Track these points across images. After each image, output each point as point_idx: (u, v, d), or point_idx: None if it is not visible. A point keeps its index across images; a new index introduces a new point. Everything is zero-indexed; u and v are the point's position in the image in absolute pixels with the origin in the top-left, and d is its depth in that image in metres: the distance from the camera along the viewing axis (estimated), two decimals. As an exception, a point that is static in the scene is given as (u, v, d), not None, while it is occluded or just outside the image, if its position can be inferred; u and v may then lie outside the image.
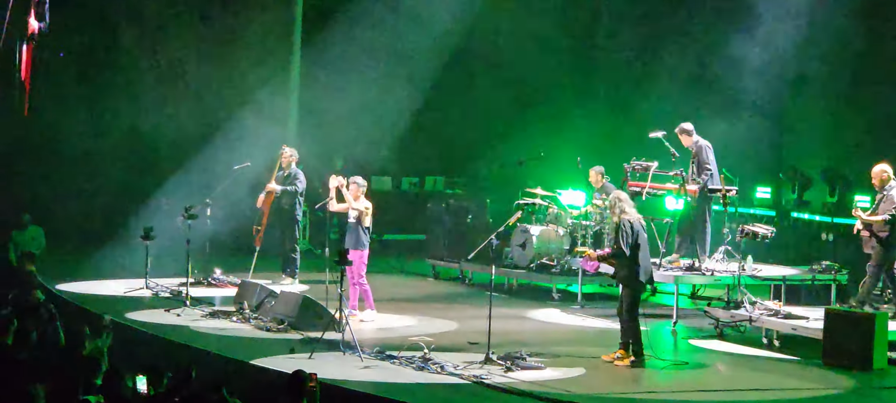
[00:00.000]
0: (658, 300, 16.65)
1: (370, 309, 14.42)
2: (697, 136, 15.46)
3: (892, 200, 13.51)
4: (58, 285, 15.96)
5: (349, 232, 14.29)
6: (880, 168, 13.72)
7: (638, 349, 12.32)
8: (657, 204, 15.93)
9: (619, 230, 12.19)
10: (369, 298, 14.37)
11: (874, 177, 13.76)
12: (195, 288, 15.68)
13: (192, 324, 13.80)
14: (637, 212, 12.52)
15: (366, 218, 14.17)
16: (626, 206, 12.40)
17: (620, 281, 12.49)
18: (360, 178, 14.47)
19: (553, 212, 17.05)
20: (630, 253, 12.18)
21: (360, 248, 14.17)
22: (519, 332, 13.96)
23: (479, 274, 17.27)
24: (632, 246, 12.19)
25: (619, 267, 12.35)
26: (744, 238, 14.53)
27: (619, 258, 12.25)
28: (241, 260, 17.04)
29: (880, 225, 13.54)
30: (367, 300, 14.37)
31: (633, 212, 12.44)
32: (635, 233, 12.24)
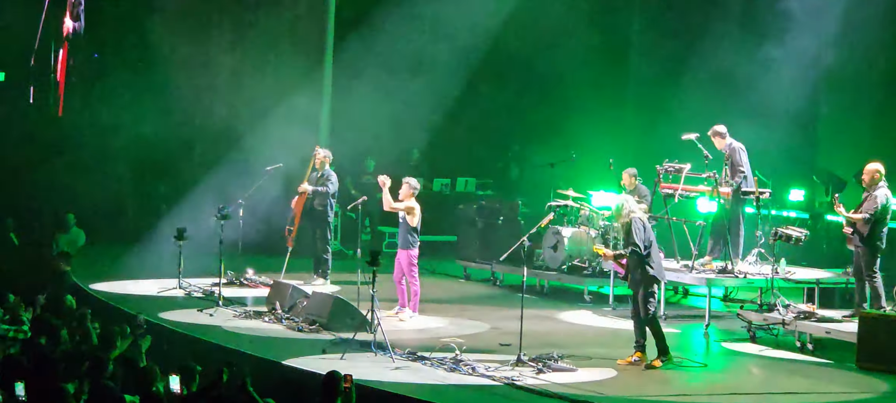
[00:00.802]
0: (690, 302, 16.60)
1: (410, 310, 14.49)
2: (730, 138, 15.39)
3: (876, 201, 13.41)
4: (92, 284, 16.07)
5: (400, 232, 14.48)
6: (874, 167, 13.62)
7: (663, 347, 12.25)
8: (690, 207, 15.87)
9: (631, 230, 12.13)
10: (415, 299, 14.44)
11: (866, 174, 13.64)
12: (228, 289, 15.76)
13: (224, 324, 13.87)
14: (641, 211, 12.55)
15: (411, 219, 14.27)
16: (632, 205, 12.39)
17: (636, 283, 12.29)
18: (412, 180, 14.58)
19: (585, 214, 17.02)
20: (644, 251, 12.14)
21: (406, 248, 14.30)
22: (550, 334, 13.95)
23: (510, 276, 17.26)
24: (646, 243, 12.16)
25: (634, 267, 12.23)
26: (777, 240, 14.44)
27: (634, 257, 12.15)
28: (274, 261, 17.11)
29: (861, 223, 13.44)
30: (411, 299, 14.45)
31: (639, 210, 12.45)
32: (646, 230, 12.22)
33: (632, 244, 12.13)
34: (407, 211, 14.36)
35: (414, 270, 14.46)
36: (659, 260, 12.40)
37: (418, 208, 14.51)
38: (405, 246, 14.40)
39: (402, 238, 14.47)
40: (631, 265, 12.26)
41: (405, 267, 14.38)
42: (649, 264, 12.18)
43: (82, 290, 15.57)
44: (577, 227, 16.97)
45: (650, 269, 12.18)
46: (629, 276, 12.36)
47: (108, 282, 16.41)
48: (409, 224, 14.40)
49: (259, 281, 16.58)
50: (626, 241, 12.26)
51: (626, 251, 12.23)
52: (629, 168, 16.37)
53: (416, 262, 14.54)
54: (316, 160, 16.92)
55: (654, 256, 12.27)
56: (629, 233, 12.15)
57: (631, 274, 12.31)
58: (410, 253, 14.41)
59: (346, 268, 17.00)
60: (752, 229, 15.36)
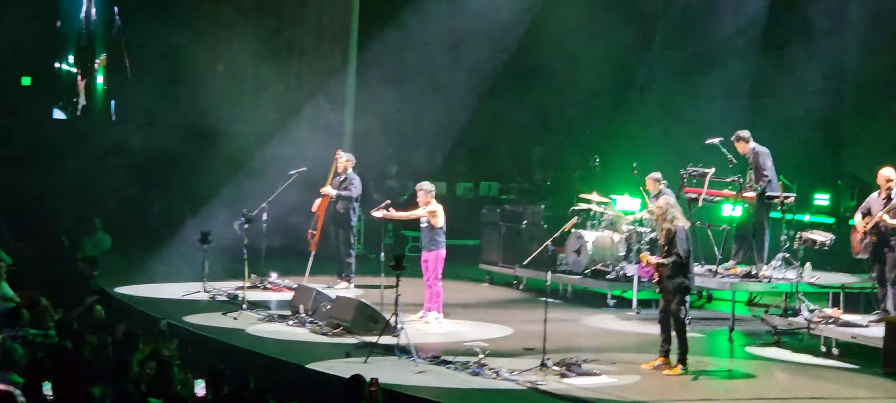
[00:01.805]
0: (715, 307, 16.54)
1: (435, 312, 14.52)
2: (754, 143, 15.34)
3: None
4: (117, 288, 16.15)
5: (422, 235, 14.51)
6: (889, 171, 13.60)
7: (685, 356, 12.20)
8: (714, 211, 15.83)
9: (676, 239, 12.06)
10: (438, 301, 14.46)
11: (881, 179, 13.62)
12: (252, 292, 15.80)
13: (248, 328, 13.91)
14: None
15: (435, 221, 14.29)
16: (677, 213, 12.33)
17: (672, 291, 12.20)
18: (427, 184, 14.61)
19: (608, 218, 16.99)
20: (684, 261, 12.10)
21: (433, 249, 14.34)
22: (574, 338, 13.94)
23: (533, 280, 17.25)
24: (686, 253, 12.12)
25: (672, 274, 12.16)
26: (802, 245, 14.39)
27: (674, 265, 12.10)
28: (297, 265, 17.15)
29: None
30: (435, 302, 14.51)
31: (683, 219, 12.39)
32: (688, 239, 12.18)
33: (675, 253, 12.05)
34: (430, 214, 14.40)
35: (440, 271, 14.44)
36: (693, 270, 12.38)
37: (440, 208, 14.52)
38: (433, 247, 14.42)
39: (429, 239, 14.48)
40: (669, 272, 12.16)
41: (432, 267, 14.42)
42: (687, 275, 12.15)
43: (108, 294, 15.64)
44: (601, 231, 16.94)
45: (687, 280, 12.14)
46: (662, 283, 12.26)
47: (133, 286, 16.48)
48: (434, 225, 14.40)
49: (283, 285, 16.63)
50: (670, 248, 12.13)
51: (668, 260, 12.07)
52: (654, 173, 16.31)
53: (443, 264, 14.53)
54: (339, 164, 16.95)
55: (691, 266, 12.25)
56: (673, 242, 12.05)
57: (666, 281, 12.19)
58: (439, 254, 14.45)
59: (370, 272, 17.02)
60: (776, 233, 15.30)
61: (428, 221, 14.47)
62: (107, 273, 16.80)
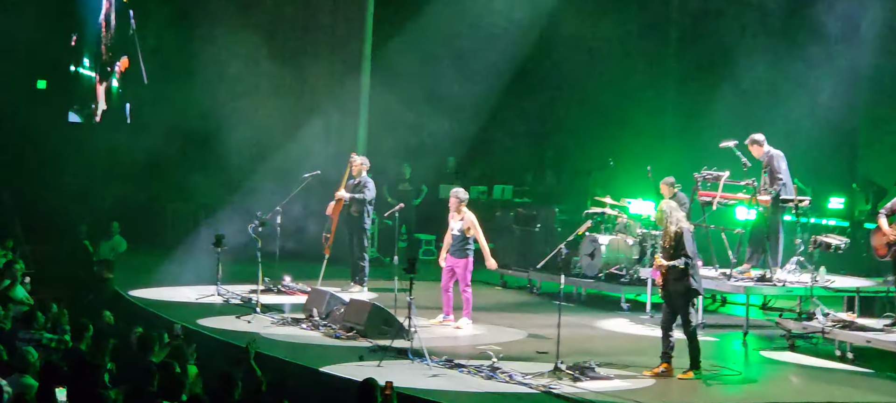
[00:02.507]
0: (728, 311, 16.50)
1: (466, 318, 14.51)
2: (769, 146, 15.29)
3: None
4: (132, 291, 16.19)
5: (453, 242, 14.54)
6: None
7: (697, 360, 12.12)
8: (728, 214, 15.79)
9: (683, 240, 11.99)
10: (469, 307, 14.49)
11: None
12: (266, 295, 15.81)
13: (262, 331, 13.92)
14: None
15: (471, 231, 14.40)
16: (680, 215, 12.27)
17: (678, 295, 12.10)
18: (462, 191, 14.66)
19: (622, 222, 16.96)
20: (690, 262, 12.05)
21: (464, 257, 14.33)
22: (588, 342, 13.91)
23: (547, 284, 17.24)
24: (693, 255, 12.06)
25: (678, 277, 12.05)
26: (816, 248, 14.35)
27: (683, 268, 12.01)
28: (311, 268, 17.16)
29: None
30: (465, 308, 14.50)
31: (686, 220, 12.35)
32: (693, 241, 12.12)
33: (684, 254, 11.97)
34: (468, 228, 14.45)
35: (469, 277, 14.51)
36: (698, 272, 12.33)
37: (474, 218, 14.58)
38: (464, 255, 14.44)
39: (461, 247, 14.46)
40: (675, 275, 12.08)
41: (461, 274, 14.44)
42: (694, 278, 12.09)
43: (122, 297, 15.70)
44: (615, 235, 16.91)
45: (693, 282, 12.09)
46: (669, 286, 12.20)
47: (147, 289, 16.52)
48: (467, 235, 14.50)
49: (296, 288, 16.65)
50: (676, 250, 12.04)
51: (678, 262, 11.97)
52: (667, 177, 16.27)
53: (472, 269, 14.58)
54: (353, 167, 16.96)
55: (697, 268, 12.21)
56: (681, 244, 11.97)
57: (673, 283, 12.13)
58: (469, 261, 14.49)
59: (383, 275, 17.03)
60: (791, 237, 15.25)
61: (461, 231, 14.49)
62: (122, 276, 16.86)
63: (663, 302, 12.39)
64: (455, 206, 14.55)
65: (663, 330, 12.23)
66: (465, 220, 14.49)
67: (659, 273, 12.26)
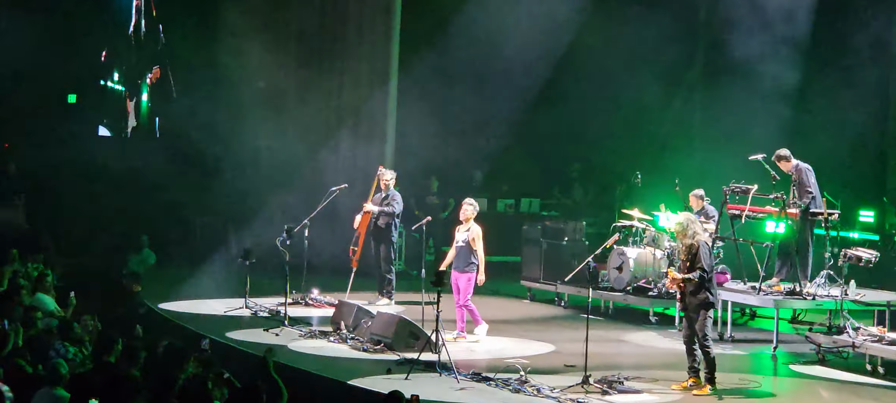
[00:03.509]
0: (758, 324, 16.42)
1: (480, 325, 14.46)
2: (796, 160, 15.23)
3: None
4: (161, 304, 16.27)
5: (458, 255, 14.39)
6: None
7: (712, 376, 12.04)
8: (757, 228, 15.72)
9: (699, 253, 11.92)
10: (476, 315, 14.43)
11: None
12: (293, 308, 15.85)
13: (290, 344, 13.95)
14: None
15: (476, 243, 14.26)
16: (698, 228, 12.19)
17: (696, 307, 12.00)
18: (474, 202, 14.56)
19: (650, 235, 16.92)
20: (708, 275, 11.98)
21: (467, 271, 14.26)
22: (616, 355, 13.87)
23: (574, 297, 17.20)
24: (709, 267, 11.99)
25: (695, 290, 11.95)
26: (846, 262, 14.26)
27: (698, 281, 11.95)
28: (338, 281, 17.19)
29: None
30: (474, 318, 14.42)
31: (704, 233, 12.27)
32: (710, 254, 12.05)
33: (700, 267, 11.92)
34: (474, 239, 14.34)
35: (470, 292, 14.35)
36: (715, 285, 12.26)
37: (480, 232, 14.45)
38: (469, 270, 14.31)
39: (466, 261, 14.34)
40: (692, 288, 12.00)
41: (463, 287, 14.25)
42: (711, 290, 12.03)
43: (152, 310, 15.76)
44: (643, 248, 16.87)
45: (711, 295, 12.02)
46: (686, 299, 12.12)
47: (176, 302, 16.60)
48: (473, 246, 14.38)
49: (324, 301, 16.69)
50: (692, 263, 12.00)
51: (693, 275, 11.93)
52: (696, 189, 16.24)
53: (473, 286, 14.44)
54: (381, 181, 17.00)
55: (713, 281, 12.14)
56: (697, 256, 11.92)
57: (689, 297, 12.05)
58: (472, 276, 14.35)
59: (411, 288, 17.04)
60: (820, 250, 15.17)
61: (467, 241, 14.40)
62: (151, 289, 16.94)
63: (684, 316, 12.36)
64: (470, 216, 14.43)
65: (686, 345, 12.17)
66: (471, 231, 14.39)
67: (676, 287, 12.21)
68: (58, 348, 10.85)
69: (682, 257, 12.13)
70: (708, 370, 12.00)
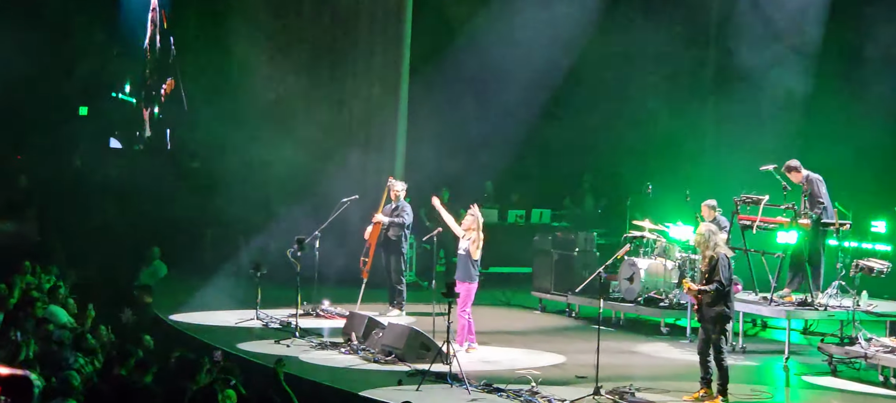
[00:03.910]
0: (769, 335, 16.37)
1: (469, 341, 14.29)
2: (806, 171, 15.21)
3: None
4: (172, 316, 16.29)
5: (458, 264, 14.32)
6: None
7: (725, 387, 11.99)
8: (768, 238, 15.68)
9: (718, 266, 11.89)
10: (470, 330, 14.26)
11: None
12: (304, 320, 15.86)
13: (301, 355, 13.96)
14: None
15: (474, 250, 14.17)
16: (719, 240, 12.15)
17: (711, 320, 11.93)
18: (475, 210, 14.41)
19: (661, 246, 16.90)
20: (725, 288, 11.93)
21: (468, 281, 14.17)
22: (627, 366, 13.85)
23: (586, 308, 17.18)
24: (728, 280, 11.96)
25: (712, 302, 11.90)
26: (858, 272, 14.21)
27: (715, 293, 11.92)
28: (349, 292, 17.20)
29: None
30: (469, 332, 14.26)
31: (725, 246, 12.23)
32: (730, 267, 12.01)
33: (717, 280, 11.86)
34: (473, 242, 14.06)
35: (469, 301, 14.11)
36: (733, 298, 12.22)
37: (483, 239, 14.24)
38: (470, 280, 14.10)
39: (464, 269, 14.16)
40: (709, 300, 11.95)
41: (463, 297, 13.91)
42: (728, 304, 11.99)
43: (163, 322, 15.79)
44: (654, 259, 16.85)
45: (727, 309, 11.99)
46: (702, 311, 12.10)
47: (187, 314, 16.62)
48: (472, 255, 14.19)
49: (335, 312, 16.70)
50: (711, 275, 11.94)
51: (710, 287, 11.88)
52: (708, 200, 16.20)
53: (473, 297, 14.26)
54: (391, 192, 17.01)
55: (731, 294, 12.11)
56: (716, 269, 11.85)
57: (706, 308, 12.01)
58: (472, 287, 14.13)
59: (421, 300, 17.04)
60: (832, 261, 15.14)
61: (466, 250, 14.27)
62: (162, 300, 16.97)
63: (700, 327, 12.32)
64: (468, 225, 14.16)
65: (700, 356, 12.15)
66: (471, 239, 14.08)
67: (693, 298, 12.16)
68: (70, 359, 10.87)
69: (702, 268, 12.09)
70: (721, 381, 11.96)
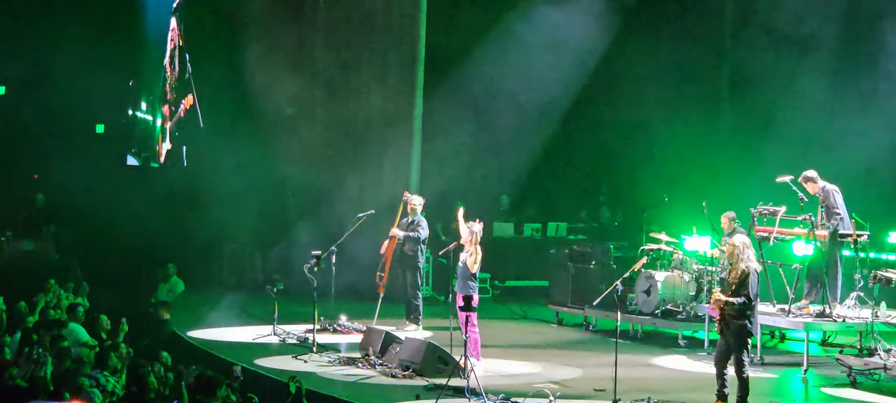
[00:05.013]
0: (787, 347, 16.32)
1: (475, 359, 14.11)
2: (823, 182, 15.17)
3: None
4: (190, 332, 16.32)
5: (459, 277, 14.21)
6: None
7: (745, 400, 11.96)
8: (785, 250, 15.64)
9: (748, 281, 11.84)
10: (477, 348, 14.02)
11: None
12: (321, 335, 15.87)
13: (319, 371, 13.97)
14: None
15: (471, 263, 14.03)
16: (751, 254, 12.12)
17: (734, 334, 11.88)
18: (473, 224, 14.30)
19: (678, 258, 16.86)
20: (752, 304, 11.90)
21: (465, 292, 13.96)
22: (645, 379, 13.81)
23: (603, 321, 17.16)
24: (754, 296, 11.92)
25: (737, 316, 11.85)
26: (876, 284, 14.16)
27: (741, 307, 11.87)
28: (366, 307, 17.22)
29: None
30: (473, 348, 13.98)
31: (756, 261, 12.19)
32: (758, 283, 11.97)
33: (745, 294, 11.80)
34: (470, 255, 13.93)
35: (474, 317, 13.87)
36: (756, 315, 12.18)
37: (480, 253, 14.11)
38: (463, 291, 13.90)
39: (462, 282, 14.03)
40: (734, 313, 11.88)
41: (468, 314, 13.68)
42: (751, 319, 11.96)
43: (181, 338, 15.83)
44: (671, 271, 16.82)
45: (750, 324, 11.95)
46: (726, 321, 12.06)
47: (204, 329, 16.65)
48: (470, 269, 14.04)
49: (352, 328, 16.70)
50: (739, 288, 11.87)
51: (738, 300, 11.80)
52: (728, 212, 16.15)
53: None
54: (407, 206, 17.03)
55: (755, 309, 12.07)
56: (746, 283, 11.79)
57: (730, 321, 11.96)
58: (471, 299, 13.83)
59: (438, 314, 17.04)
60: (850, 272, 15.08)
61: (464, 262, 14.18)
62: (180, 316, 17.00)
63: (719, 339, 12.28)
64: (465, 238, 14.07)
65: (717, 368, 12.11)
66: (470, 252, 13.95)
67: (717, 309, 12.15)
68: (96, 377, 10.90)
69: (730, 279, 12.04)
70: (741, 393, 11.93)
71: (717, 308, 11.99)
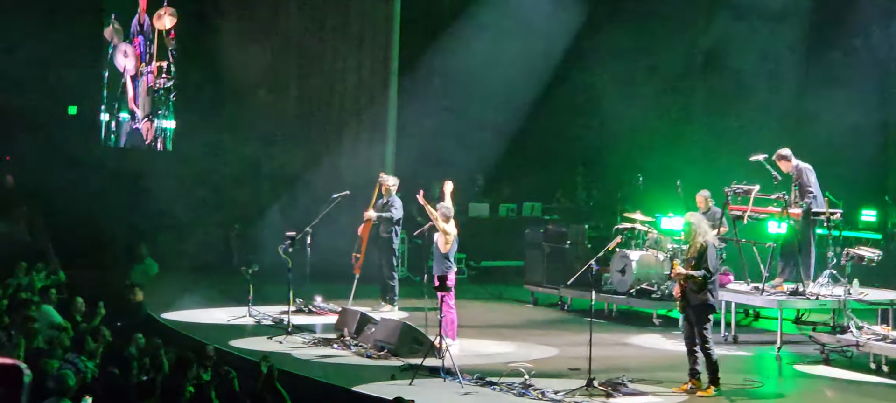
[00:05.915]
0: (761, 325, 16.40)
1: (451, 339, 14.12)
2: (797, 160, 15.23)
3: None
4: (164, 314, 16.27)
5: (435, 258, 14.24)
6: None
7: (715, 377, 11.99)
8: (759, 228, 15.71)
9: (706, 254, 11.88)
10: (453, 328, 14.08)
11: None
12: (297, 316, 15.85)
13: (293, 352, 13.95)
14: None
15: (443, 244, 14.04)
16: (706, 228, 12.16)
17: (696, 309, 11.94)
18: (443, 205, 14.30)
19: (653, 238, 16.91)
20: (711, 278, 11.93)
21: (440, 273, 13.93)
22: (620, 358, 13.86)
23: (578, 300, 17.18)
24: (714, 270, 11.96)
25: (697, 291, 11.89)
26: (849, 261, 14.25)
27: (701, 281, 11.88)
28: (341, 288, 17.20)
29: None
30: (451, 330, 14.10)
31: (712, 235, 12.23)
32: (717, 257, 12.00)
33: (705, 268, 11.87)
34: (444, 232, 14.02)
35: (448, 297, 13.80)
36: (717, 289, 12.22)
37: (454, 232, 14.21)
38: (439, 272, 13.88)
39: (438, 264, 14.07)
40: (695, 288, 11.92)
41: (439, 294, 13.55)
42: (712, 292, 12.00)
43: (155, 320, 15.77)
44: (645, 251, 16.86)
45: (711, 297, 11.98)
46: (687, 300, 12.06)
47: (179, 312, 16.60)
48: (441, 249, 14.09)
49: (327, 309, 16.68)
50: (698, 263, 11.94)
51: (697, 273, 11.89)
52: (703, 190, 16.20)
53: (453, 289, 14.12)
54: (382, 187, 17.00)
55: (716, 283, 12.10)
56: (704, 257, 11.86)
57: (691, 295, 11.97)
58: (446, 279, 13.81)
59: (413, 295, 17.04)
60: (823, 250, 15.16)
61: (436, 243, 14.13)
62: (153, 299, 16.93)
63: (683, 317, 12.33)
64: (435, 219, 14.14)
65: (687, 346, 12.15)
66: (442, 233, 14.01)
67: (678, 285, 12.17)
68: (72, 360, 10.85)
69: (689, 255, 12.08)
70: (710, 372, 11.97)
71: (679, 283, 12.02)
